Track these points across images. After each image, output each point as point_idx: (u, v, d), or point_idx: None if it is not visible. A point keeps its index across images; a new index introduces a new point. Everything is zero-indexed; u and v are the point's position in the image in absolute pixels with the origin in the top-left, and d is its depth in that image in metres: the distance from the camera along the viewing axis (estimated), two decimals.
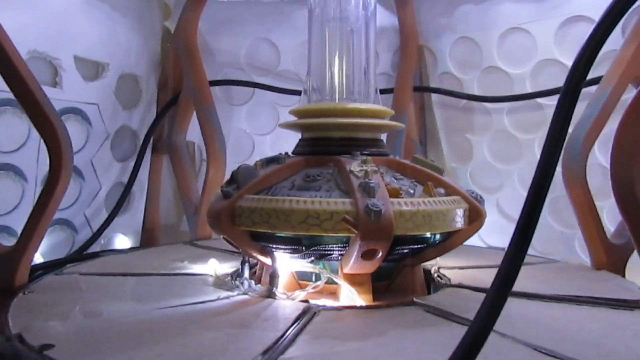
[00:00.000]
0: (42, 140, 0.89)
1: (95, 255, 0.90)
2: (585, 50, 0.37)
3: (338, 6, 0.68)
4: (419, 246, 0.61)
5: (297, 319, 0.51)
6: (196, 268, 0.74)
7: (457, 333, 0.49)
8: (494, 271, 0.77)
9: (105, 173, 1.04)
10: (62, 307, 0.55)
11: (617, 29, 0.86)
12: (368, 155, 0.63)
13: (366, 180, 0.56)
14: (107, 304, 0.56)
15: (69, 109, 0.95)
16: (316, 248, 0.58)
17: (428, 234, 0.60)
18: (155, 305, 0.56)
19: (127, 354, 0.42)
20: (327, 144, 0.66)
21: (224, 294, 0.61)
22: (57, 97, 0.91)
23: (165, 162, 1.17)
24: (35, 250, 0.65)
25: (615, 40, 0.87)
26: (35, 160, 0.91)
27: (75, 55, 0.94)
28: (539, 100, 0.98)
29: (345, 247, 0.58)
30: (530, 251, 0.95)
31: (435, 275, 0.70)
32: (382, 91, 0.77)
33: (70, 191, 0.98)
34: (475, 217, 0.62)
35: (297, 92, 1.14)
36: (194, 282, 0.67)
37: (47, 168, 0.91)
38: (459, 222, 0.60)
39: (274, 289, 0.60)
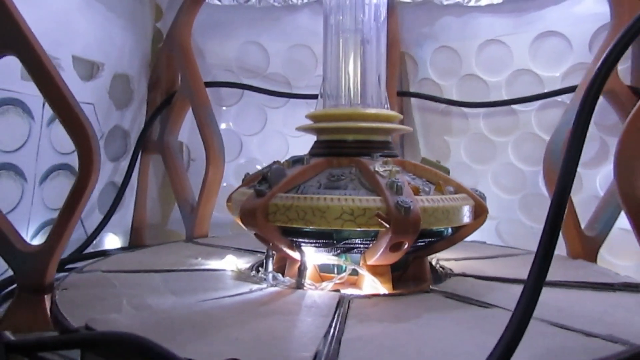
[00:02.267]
0: (41, 140, 0.91)
1: (103, 254, 0.91)
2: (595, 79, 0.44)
3: (353, 18, 0.73)
4: (434, 239, 0.68)
5: (338, 306, 0.56)
6: (213, 264, 0.77)
7: (481, 314, 0.56)
8: (487, 261, 0.86)
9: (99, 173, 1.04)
10: (108, 301, 0.57)
11: (585, 42, 0.97)
12: (382, 156, 0.69)
13: (392, 179, 0.61)
14: (148, 298, 0.59)
15: None
16: (345, 242, 0.64)
17: (443, 228, 0.67)
18: (196, 298, 0.60)
19: (206, 340, 0.45)
20: (343, 146, 0.71)
21: (254, 286, 0.65)
22: None
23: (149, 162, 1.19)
24: (63, 249, 0.66)
25: (582, 54, 0.98)
26: (34, 159, 0.91)
27: (73, 55, 0.94)
28: (514, 106, 1.08)
29: (370, 241, 0.63)
30: (499, 243, 1.03)
31: (438, 266, 0.77)
32: None
33: (64, 191, 0.98)
34: (480, 213, 0.69)
35: (286, 95, 1.19)
36: (218, 277, 0.70)
37: (45, 167, 0.93)
38: (468, 217, 0.67)
39: (303, 280, 0.65)
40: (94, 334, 0.44)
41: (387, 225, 0.59)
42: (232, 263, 0.76)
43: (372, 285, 0.65)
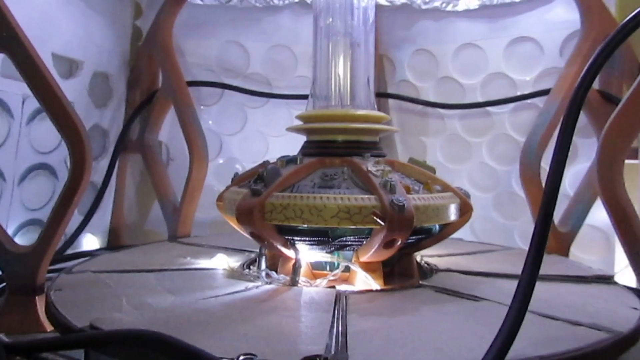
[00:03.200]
0: (20, 139, 0.89)
1: (87, 254, 0.89)
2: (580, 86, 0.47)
3: (343, 21, 0.75)
4: (423, 236, 0.70)
5: (336, 301, 0.58)
6: (203, 263, 0.78)
7: (473, 306, 0.59)
8: (468, 257, 0.89)
9: None
10: (107, 301, 0.57)
11: (556, 47, 1.02)
12: (372, 156, 0.71)
13: (386, 179, 0.64)
14: (147, 298, 0.59)
15: None
16: (339, 240, 0.65)
17: (432, 225, 0.69)
18: (194, 297, 0.60)
19: (215, 336, 0.46)
20: (333, 146, 0.73)
21: (249, 284, 0.66)
22: None
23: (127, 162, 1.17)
24: (54, 250, 0.66)
25: (554, 59, 1.03)
26: (13, 159, 0.89)
27: (53, 53, 0.93)
28: (488, 108, 1.12)
29: (363, 238, 0.65)
30: (473, 239, 1.06)
31: (423, 262, 0.80)
32: None
33: (43, 191, 0.97)
34: (465, 210, 0.73)
35: (267, 95, 1.20)
36: (211, 276, 0.71)
37: (24, 167, 0.91)
38: (455, 214, 0.70)
39: (298, 277, 0.66)
40: (117, 331, 0.44)
41: (383, 223, 0.61)
42: (223, 262, 0.77)
43: (364, 281, 0.67)
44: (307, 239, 0.66)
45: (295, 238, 0.66)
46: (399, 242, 0.63)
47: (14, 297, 0.63)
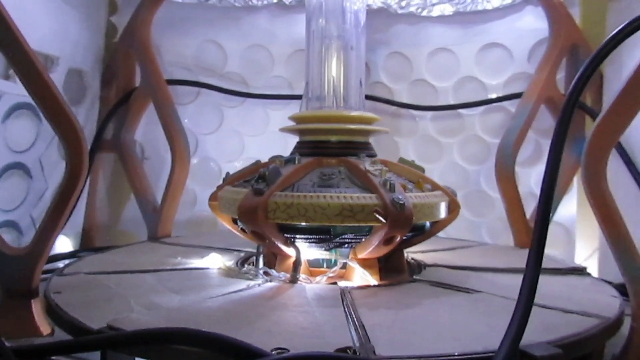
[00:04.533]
0: None
1: (72, 255, 0.87)
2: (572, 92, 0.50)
3: (336, 25, 0.77)
4: (416, 233, 0.73)
5: (342, 297, 0.60)
6: (196, 263, 0.78)
7: (471, 298, 0.63)
8: (449, 253, 0.93)
9: (52, 172, 1.00)
10: (115, 302, 0.57)
11: (525, 54, 1.08)
12: (367, 157, 0.74)
13: (385, 178, 0.66)
14: (153, 298, 0.59)
15: (21, 104, 0.89)
16: (340, 238, 0.67)
17: (425, 223, 0.72)
18: (200, 296, 0.61)
19: (239, 332, 0.47)
20: (328, 146, 0.75)
21: (250, 282, 0.67)
22: (11, 92, 0.86)
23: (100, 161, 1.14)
24: (50, 251, 0.64)
25: (522, 65, 1.09)
26: None
27: None
28: (460, 110, 1.17)
29: (362, 235, 0.68)
30: (443, 235, 1.10)
31: (410, 258, 0.83)
32: None
33: (17, 192, 0.93)
34: (453, 208, 0.76)
35: (244, 94, 1.20)
36: (209, 275, 0.71)
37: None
38: (445, 212, 0.74)
39: (298, 275, 0.68)
40: (161, 330, 0.43)
41: (384, 221, 0.63)
42: (217, 261, 0.77)
43: (362, 277, 0.69)
44: (308, 237, 0.67)
45: (297, 236, 0.68)
46: (398, 239, 0.66)
47: (9, 301, 0.60)
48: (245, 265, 0.76)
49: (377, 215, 0.63)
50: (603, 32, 0.97)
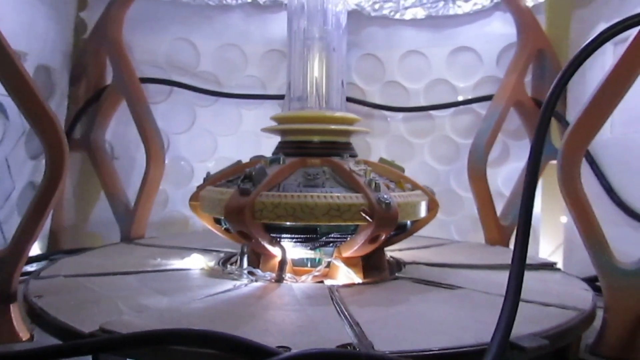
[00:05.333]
0: None
1: (44, 257, 0.84)
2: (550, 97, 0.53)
3: (318, 27, 0.78)
4: (398, 231, 0.75)
5: (331, 295, 0.61)
6: (177, 264, 0.77)
7: (455, 294, 0.65)
8: (424, 250, 0.95)
9: (19, 172, 0.96)
10: (102, 305, 0.55)
11: (493, 57, 1.12)
12: (349, 157, 0.75)
13: (370, 178, 0.67)
14: (141, 300, 0.58)
15: None
16: (326, 237, 0.68)
17: (407, 221, 0.74)
18: (188, 297, 0.60)
19: (239, 332, 0.46)
20: (310, 146, 0.76)
21: (237, 283, 0.67)
22: None
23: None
24: (28, 254, 0.62)
25: (491, 68, 1.13)
26: None
27: None
28: (431, 111, 1.20)
29: (348, 234, 0.69)
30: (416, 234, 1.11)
31: (389, 256, 0.84)
32: None
33: None
34: (432, 207, 0.78)
35: (217, 93, 1.19)
36: (193, 276, 0.71)
37: None
38: (425, 211, 0.76)
39: (284, 274, 0.68)
40: (170, 331, 0.43)
41: (370, 220, 0.64)
42: (199, 262, 0.76)
43: (347, 275, 0.70)
44: (294, 236, 0.68)
45: (283, 235, 0.68)
46: (383, 237, 0.67)
47: None
48: (228, 266, 0.75)
49: (364, 215, 0.64)
50: (567, 38, 1.02)
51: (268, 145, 0.84)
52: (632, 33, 0.54)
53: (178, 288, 0.64)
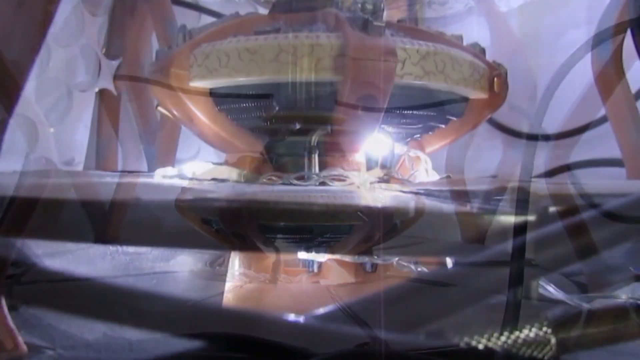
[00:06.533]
0: None
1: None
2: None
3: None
4: (388, 231, 0.76)
5: (330, 295, 0.61)
6: (164, 266, 0.75)
7: (448, 291, 0.65)
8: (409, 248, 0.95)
9: None
10: (102, 311, 0.53)
11: None
12: None
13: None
14: (139, 304, 0.56)
15: None
16: (321, 237, 0.68)
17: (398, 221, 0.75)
18: (184, 299, 0.59)
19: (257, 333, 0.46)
20: None
21: (231, 284, 0.66)
22: None
23: None
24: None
25: None
26: None
27: None
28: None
29: (342, 234, 0.69)
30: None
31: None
32: None
33: None
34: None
35: None
36: (185, 278, 0.71)
37: None
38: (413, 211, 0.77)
39: (278, 275, 0.68)
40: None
41: (367, 220, 0.65)
42: (186, 264, 0.75)
43: (340, 275, 0.70)
44: (289, 236, 0.68)
45: (278, 236, 0.67)
46: (377, 237, 0.68)
47: None
48: (217, 267, 0.74)
49: (360, 214, 0.65)
50: (537, 44, 1.06)
51: None
52: None
53: (175, 291, 0.63)
